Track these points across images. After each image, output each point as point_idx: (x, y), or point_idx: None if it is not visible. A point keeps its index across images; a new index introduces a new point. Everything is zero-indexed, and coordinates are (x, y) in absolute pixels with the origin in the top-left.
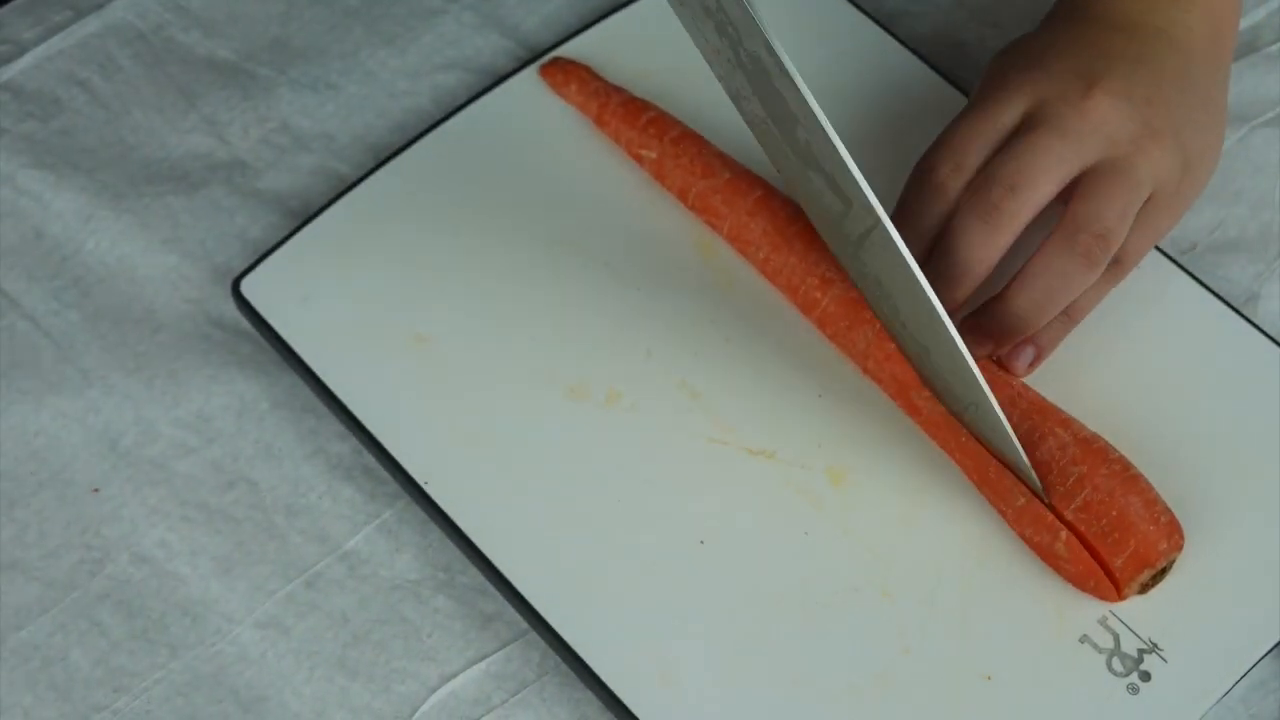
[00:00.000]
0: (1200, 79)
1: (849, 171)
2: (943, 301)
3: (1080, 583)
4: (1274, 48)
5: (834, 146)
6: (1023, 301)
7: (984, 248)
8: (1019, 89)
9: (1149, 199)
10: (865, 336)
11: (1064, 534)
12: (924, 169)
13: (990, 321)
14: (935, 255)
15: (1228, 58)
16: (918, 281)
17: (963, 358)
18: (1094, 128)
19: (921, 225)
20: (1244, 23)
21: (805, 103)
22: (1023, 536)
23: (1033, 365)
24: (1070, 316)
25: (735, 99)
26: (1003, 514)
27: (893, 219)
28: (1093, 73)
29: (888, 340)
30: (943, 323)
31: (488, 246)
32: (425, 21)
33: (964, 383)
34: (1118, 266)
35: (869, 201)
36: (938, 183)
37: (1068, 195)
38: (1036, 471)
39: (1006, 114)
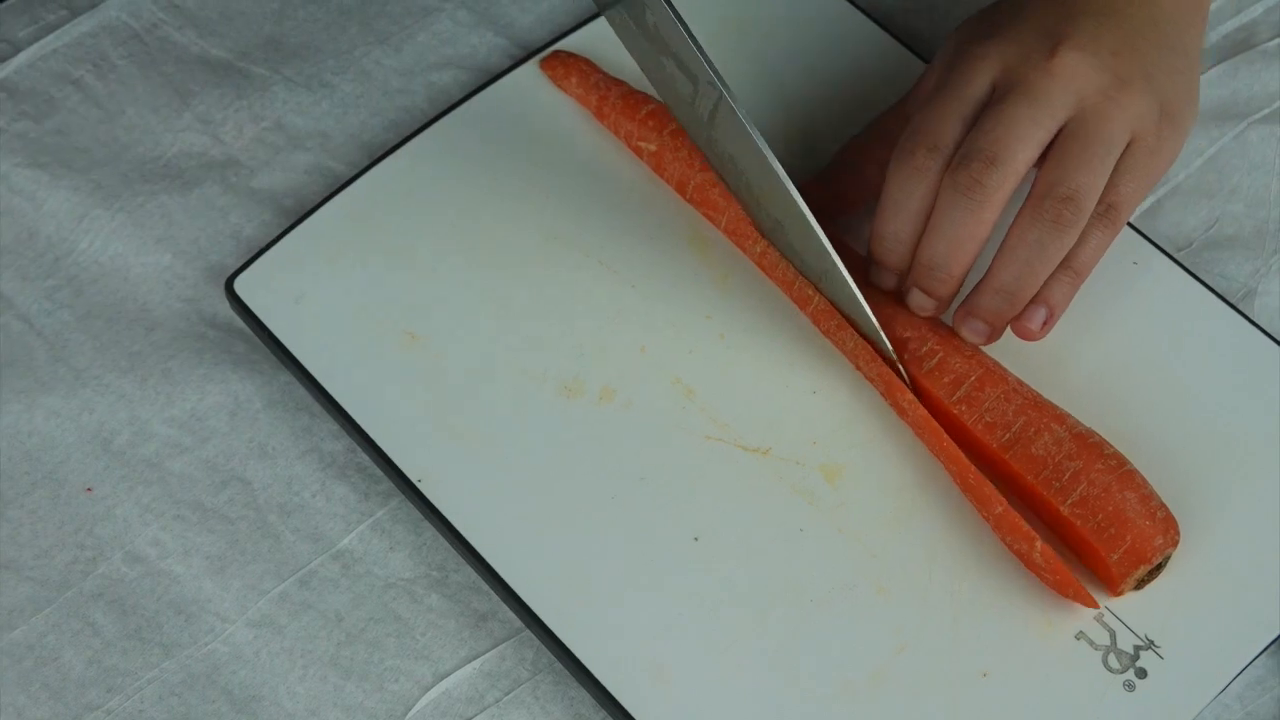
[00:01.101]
0: (1169, 26)
1: (693, 50)
2: (940, 281)
3: (1061, 590)
4: (1270, 44)
5: (678, 27)
6: (1005, 277)
7: (971, 224)
8: (984, 58)
9: (1130, 146)
10: (854, 335)
11: (1039, 543)
12: (902, 154)
13: (979, 304)
14: (924, 240)
15: (1202, 3)
16: (764, 155)
17: (813, 229)
18: (1063, 86)
19: (908, 210)
20: (1240, 19)
21: None
22: (1004, 543)
23: (1046, 325)
24: (1076, 272)
25: None
26: (985, 520)
27: (880, 209)
28: (1056, 32)
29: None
30: (790, 194)
31: (482, 245)
32: (420, 20)
33: (815, 253)
34: (1112, 216)
35: (711, 77)
36: (917, 166)
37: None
38: (1032, 466)
39: (975, 86)
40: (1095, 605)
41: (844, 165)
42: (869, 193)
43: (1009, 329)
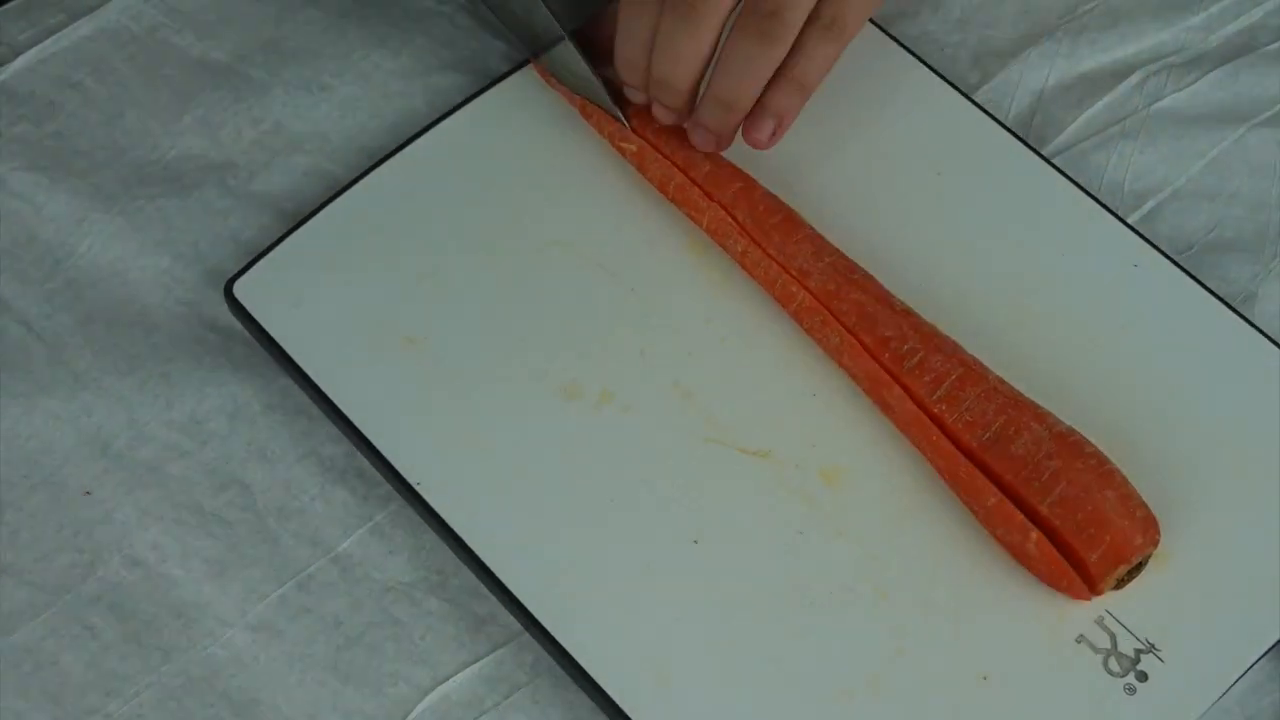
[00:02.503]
0: None
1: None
2: (672, 94)
3: (1054, 582)
4: (1271, 47)
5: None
6: (720, 91)
7: (689, 42)
8: None
9: None
10: (838, 332)
11: (1034, 534)
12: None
13: (701, 114)
14: (653, 59)
15: None
16: None
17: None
18: None
19: (637, 37)
20: (1241, 23)
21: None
22: (995, 536)
23: (775, 135)
24: (800, 84)
25: None
26: (974, 514)
27: (617, 37)
28: None
29: (862, 335)
30: None
31: (481, 248)
32: (419, 23)
33: (543, 22)
34: (836, 29)
35: None
36: (688, 9)
37: None
38: (1011, 465)
39: None
40: (1088, 597)
41: (606, 14)
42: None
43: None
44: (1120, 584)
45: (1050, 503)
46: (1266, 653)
